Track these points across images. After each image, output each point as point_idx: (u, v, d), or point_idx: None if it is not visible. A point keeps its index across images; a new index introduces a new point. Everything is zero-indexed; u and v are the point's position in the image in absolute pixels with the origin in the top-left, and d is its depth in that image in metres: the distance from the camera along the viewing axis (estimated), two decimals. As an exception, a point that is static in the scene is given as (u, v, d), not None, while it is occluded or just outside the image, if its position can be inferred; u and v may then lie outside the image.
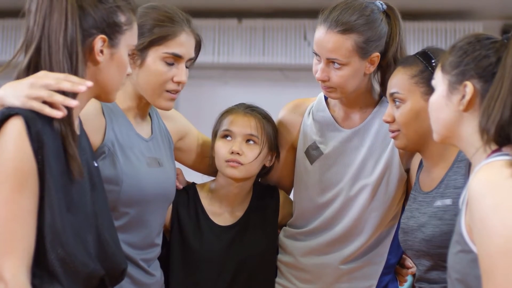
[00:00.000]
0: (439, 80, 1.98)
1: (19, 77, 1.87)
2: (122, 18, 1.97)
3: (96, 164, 2.02)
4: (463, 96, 1.91)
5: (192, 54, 2.52)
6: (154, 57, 2.46)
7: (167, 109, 2.54)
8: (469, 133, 1.91)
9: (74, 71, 1.86)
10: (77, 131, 1.91)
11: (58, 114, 1.80)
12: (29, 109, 1.79)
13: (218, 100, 6.34)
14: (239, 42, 6.70)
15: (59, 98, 1.80)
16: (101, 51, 1.93)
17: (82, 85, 1.83)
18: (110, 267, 1.92)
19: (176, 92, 2.50)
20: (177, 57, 2.47)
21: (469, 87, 1.90)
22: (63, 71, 1.84)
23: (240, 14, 6.66)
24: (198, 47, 2.57)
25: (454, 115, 1.93)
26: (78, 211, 1.85)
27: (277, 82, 6.81)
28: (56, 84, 1.80)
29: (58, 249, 1.79)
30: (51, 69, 1.85)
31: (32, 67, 1.87)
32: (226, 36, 6.67)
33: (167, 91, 2.48)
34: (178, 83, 2.48)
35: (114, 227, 2.02)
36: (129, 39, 2.00)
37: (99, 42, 1.92)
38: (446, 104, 1.95)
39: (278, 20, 6.64)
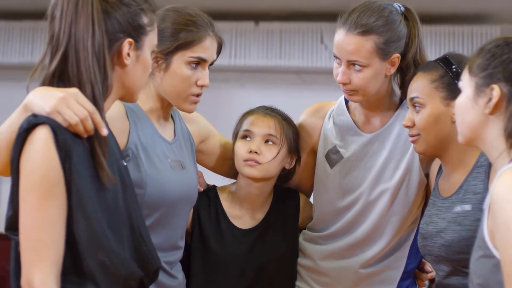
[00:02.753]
0: (466, 82, 1.97)
1: (45, 83, 1.88)
2: (145, 20, 1.97)
3: (125, 163, 2.02)
4: (490, 99, 1.90)
5: (215, 57, 2.55)
6: (179, 61, 2.47)
7: (190, 112, 2.56)
8: (494, 136, 1.90)
9: (103, 76, 1.87)
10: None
11: (81, 134, 1.82)
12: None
13: (234, 103, 6.35)
14: (255, 45, 6.69)
15: (80, 129, 1.80)
16: (128, 54, 1.93)
17: (102, 131, 1.84)
18: (145, 267, 1.92)
19: (199, 95, 2.52)
20: (201, 61, 2.49)
21: (496, 91, 1.89)
22: (93, 77, 1.85)
23: (257, 17, 6.66)
24: (219, 49, 2.59)
25: (480, 117, 1.92)
26: (113, 212, 1.86)
27: (294, 85, 6.81)
28: (82, 119, 1.80)
29: (98, 254, 1.79)
30: (79, 75, 1.85)
31: (58, 74, 1.87)
32: (243, 39, 6.67)
33: (192, 95, 2.50)
34: (202, 86, 2.50)
35: (145, 225, 2.02)
36: (153, 39, 2.01)
37: (126, 46, 1.92)
38: (472, 107, 1.94)
39: (295, 23, 6.63)
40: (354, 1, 2.64)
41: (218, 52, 2.58)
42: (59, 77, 1.86)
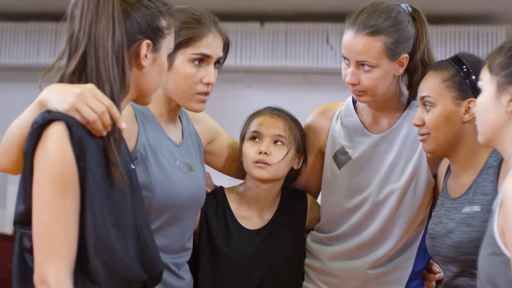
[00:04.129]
0: (487, 81, 1.97)
1: (63, 81, 1.88)
2: (163, 23, 1.98)
3: (133, 167, 2.02)
4: None
5: (220, 54, 2.52)
6: (182, 59, 2.46)
7: (198, 111, 2.54)
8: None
9: (121, 76, 1.87)
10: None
11: (99, 133, 1.83)
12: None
13: (240, 104, 6.36)
14: (261, 45, 6.70)
15: (98, 126, 1.81)
16: (145, 56, 1.93)
17: (121, 124, 1.85)
18: (149, 270, 1.92)
19: (206, 94, 2.50)
20: (205, 57, 2.47)
21: None
22: (112, 77, 1.86)
23: (263, 17, 6.67)
24: (226, 48, 2.57)
25: (502, 116, 1.92)
26: (120, 215, 1.86)
27: (299, 86, 6.81)
28: (100, 114, 1.81)
29: (103, 254, 1.80)
30: (98, 75, 1.86)
31: (77, 73, 1.87)
32: (249, 40, 6.68)
33: (198, 93, 2.49)
34: (207, 84, 2.48)
35: (151, 229, 2.02)
36: (170, 42, 2.02)
37: (144, 47, 1.93)
38: (495, 105, 1.94)
39: (301, 24, 6.64)
40: (359, 1, 2.65)
41: (226, 50, 2.57)
42: (78, 76, 1.87)
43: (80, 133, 1.79)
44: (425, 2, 5.25)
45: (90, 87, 1.83)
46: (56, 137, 1.77)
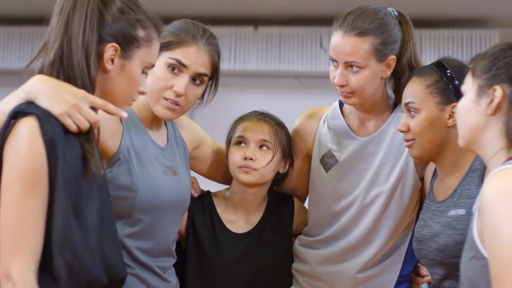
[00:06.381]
0: (469, 85, 1.99)
1: (42, 72, 1.91)
2: (140, 33, 2.00)
3: (102, 172, 2.02)
4: (492, 100, 1.91)
5: (200, 70, 2.51)
6: (160, 61, 2.48)
7: (164, 118, 2.53)
8: (491, 137, 1.92)
9: (89, 74, 1.90)
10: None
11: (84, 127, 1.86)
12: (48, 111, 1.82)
13: (233, 108, 6.33)
14: (255, 49, 6.68)
15: (86, 129, 1.86)
16: (112, 60, 1.94)
17: (123, 115, 1.94)
18: (110, 275, 1.91)
19: (174, 102, 2.49)
20: (180, 65, 2.48)
21: (498, 91, 1.91)
22: (82, 73, 1.89)
23: (256, 21, 6.65)
24: (213, 69, 2.56)
25: (481, 118, 1.94)
26: (85, 217, 1.87)
27: (293, 90, 6.80)
28: (93, 125, 1.87)
29: (67, 254, 1.79)
30: (70, 69, 1.89)
31: (56, 66, 1.91)
32: (242, 44, 6.66)
33: (165, 98, 2.48)
34: (176, 93, 2.48)
35: (117, 235, 2.02)
36: (146, 55, 2.02)
37: (109, 50, 1.94)
38: (475, 108, 1.95)
39: (294, 28, 6.62)
40: (352, 5, 2.67)
41: (213, 71, 2.56)
42: (57, 69, 1.90)
43: (53, 130, 1.80)
44: (418, 6, 5.26)
45: (82, 95, 1.87)
46: (28, 133, 1.78)
